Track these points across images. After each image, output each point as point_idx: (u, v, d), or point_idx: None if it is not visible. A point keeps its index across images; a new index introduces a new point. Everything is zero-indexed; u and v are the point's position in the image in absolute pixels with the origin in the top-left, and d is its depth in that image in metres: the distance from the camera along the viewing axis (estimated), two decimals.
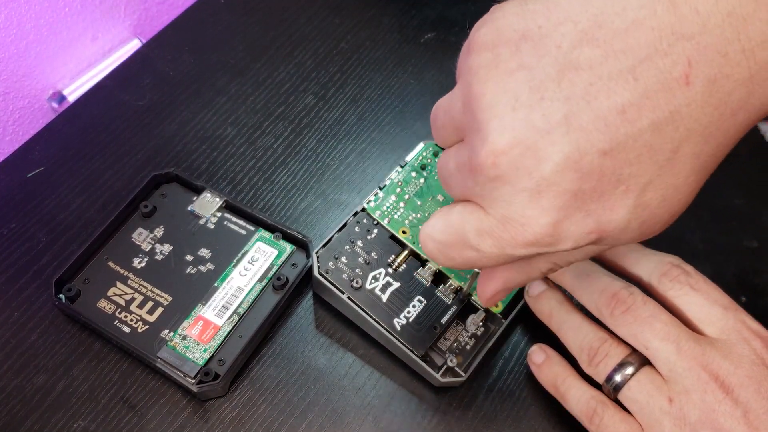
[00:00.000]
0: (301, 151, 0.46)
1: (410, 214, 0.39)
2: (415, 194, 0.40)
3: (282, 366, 0.38)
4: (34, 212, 0.43)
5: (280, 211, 0.44)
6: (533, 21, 0.24)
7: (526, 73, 0.23)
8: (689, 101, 0.22)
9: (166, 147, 0.46)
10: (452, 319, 0.37)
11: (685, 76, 0.22)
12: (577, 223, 0.24)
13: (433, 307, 0.37)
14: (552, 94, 0.23)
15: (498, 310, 0.38)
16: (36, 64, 0.52)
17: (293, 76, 0.49)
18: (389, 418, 0.37)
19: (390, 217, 0.39)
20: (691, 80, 0.22)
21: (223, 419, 0.37)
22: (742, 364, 0.30)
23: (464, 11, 0.53)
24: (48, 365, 0.38)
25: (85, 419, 0.36)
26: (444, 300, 0.38)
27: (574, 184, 0.23)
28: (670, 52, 0.22)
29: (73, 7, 0.52)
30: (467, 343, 0.38)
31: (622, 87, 0.22)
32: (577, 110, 0.23)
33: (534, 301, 0.37)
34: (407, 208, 0.39)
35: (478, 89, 0.24)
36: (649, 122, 0.22)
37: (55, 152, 0.45)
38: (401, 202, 0.39)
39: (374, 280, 0.38)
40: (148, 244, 0.40)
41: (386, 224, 0.39)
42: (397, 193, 0.40)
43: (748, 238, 0.43)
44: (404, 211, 0.39)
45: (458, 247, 0.27)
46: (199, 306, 0.38)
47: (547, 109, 0.23)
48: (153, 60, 0.50)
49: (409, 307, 0.37)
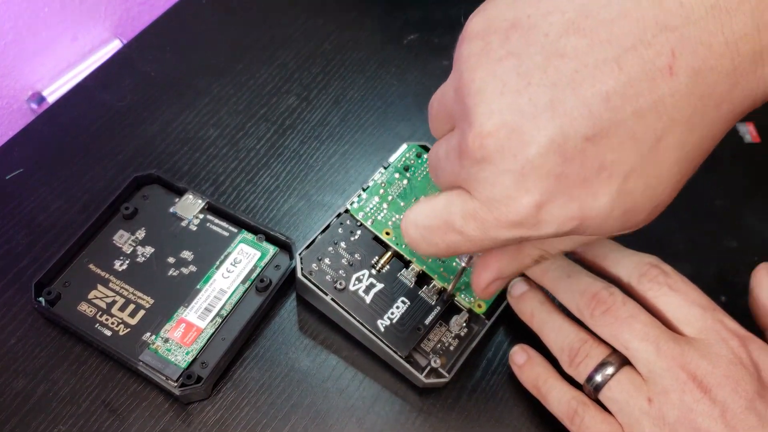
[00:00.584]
0: (283, 153, 0.46)
1: (393, 215, 0.39)
2: (399, 195, 0.40)
3: (265, 368, 0.38)
4: (13, 214, 0.42)
5: (263, 213, 0.43)
6: (522, 11, 0.24)
7: (514, 60, 0.24)
8: (673, 91, 0.23)
9: (148, 148, 0.45)
10: (436, 320, 0.37)
11: (669, 66, 0.22)
12: (560, 207, 0.25)
13: (417, 308, 0.37)
14: (538, 80, 0.23)
15: (481, 311, 0.38)
16: (15, 65, 0.52)
17: (276, 77, 0.49)
18: (373, 420, 0.37)
19: (373, 219, 0.39)
20: (674, 71, 0.22)
21: (205, 422, 0.36)
22: (720, 363, 0.30)
23: (447, 13, 0.53)
24: (27, 369, 0.37)
25: (65, 423, 0.36)
26: (427, 301, 0.38)
27: (557, 168, 0.24)
28: (654, 43, 0.22)
29: (52, 7, 0.52)
30: (450, 344, 0.38)
31: (606, 75, 0.23)
32: (562, 96, 0.23)
33: (516, 301, 0.37)
34: (390, 209, 0.39)
35: (468, 76, 0.25)
36: (632, 110, 0.23)
37: (34, 154, 0.45)
38: (384, 204, 0.39)
39: (358, 282, 0.37)
40: (129, 247, 0.40)
41: (369, 225, 0.39)
42: (381, 195, 0.40)
43: (728, 238, 0.44)
44: (387, 213, 0.39)
45: (442, 231, 0.28)
46: (182, 308, 0.38)
47: (533, 94, 0.23)
48: (134, 60, 0.50)
49: (392, 308, 0.37)
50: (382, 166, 0.41)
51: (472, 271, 0.34)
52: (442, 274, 0.38)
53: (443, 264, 0.38)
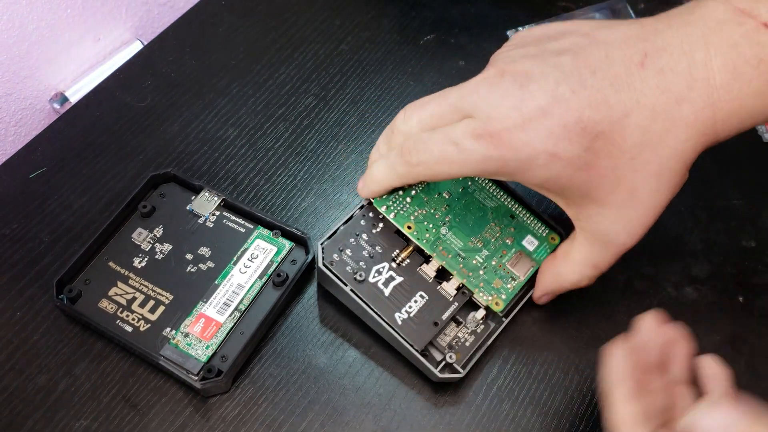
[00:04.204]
0: (301, 152, 0.46)
1: (416, 209, 0.39)
2: (422, 190, 0.40)
3: (283, 365, 0.38)
4: (35, 213, 0.43)
5: (281, 211, 0.44)
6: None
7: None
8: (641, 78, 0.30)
9: (168, 148, 0.46)
10: (453, 315, 0.38)
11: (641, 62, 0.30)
12: (536, 130, 0.30)
13: (435, 302, 0.38)
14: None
15: (499, 309, 0.38)
16: (38, 66, 0.53)
17: (294, 78, 0.50)
18: (389, 417, 0.37)
19: (396, 212, 0.39)
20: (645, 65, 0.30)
21: (224, 418, 0.37)
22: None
23: (463, 13, 0.53)
24: (50, 365, 0.38)
25: (87, 418, 0.36)
26: (446, 296, 0.38)
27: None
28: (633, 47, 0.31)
29: (74, 8, 0.53)
30: (467, 340, 0.38)
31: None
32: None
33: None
34: (413, 203, 0.39)
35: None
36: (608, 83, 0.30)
37: (57, 153, 0.45)
38: (408, 198, 0.39)
39: (377, 274, 0.38)
40: (147, 244, 0.40)
41: (392, 219, 0.39)
42: (404, 189, 0.40)
43: (746, 238, 0.43)
44: (410, 207, 0.39)
45: (441, 140, 0.32)
46: (201, 304, 0.38)
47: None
48: (154, 61, 0.50)
49: (410, 302, 0.37)
50: None
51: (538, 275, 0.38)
52: (461, 270, 0.38)
53: (463, 261, 0.38)
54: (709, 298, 0.41)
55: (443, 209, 0.39)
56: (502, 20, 0.53)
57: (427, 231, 0.38)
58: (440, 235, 0.38)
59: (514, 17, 0.53)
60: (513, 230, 0.40)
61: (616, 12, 0.53)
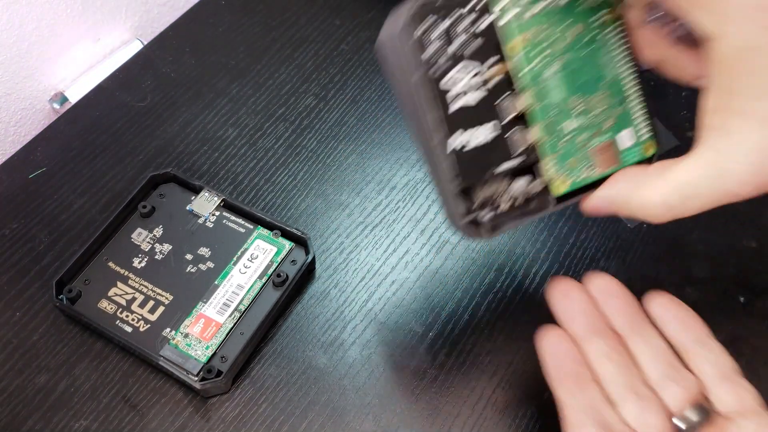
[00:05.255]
0: (301, 152, 0.46)
1: (542, 24, 0.30)
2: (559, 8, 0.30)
3: (283, 365, 0.38)
4: (35, 213, 0.43)
5: (281, 212, 0.44)
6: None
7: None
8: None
9: (168, 148, 0.46)
10: (508, 172, 0.30)
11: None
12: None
13: (498, 147, 0.30)
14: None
15: (558, 193, 0.31)
16: (37, 66, 0.53)
17: (294, 78, 0.50)
18: (389, 417, 0.37)
19: (518, 13, 0.29)
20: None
21: (224, 418, 0.37)
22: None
23: None
24: (50, 365, 0.38)
25: (86, 419, 0.36)
26: (513, 145, 0.30)
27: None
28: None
29: (74, 8, 0.53)
30: (502, 206, 0.31)
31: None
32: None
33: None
34: (542, 16, 0.30)
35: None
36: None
37: (56, 153, 0.45)
38: (539, 4, 0.29)
39: (464, 71, 0.29)
40: (147, 244, 0.40)
41: (509, 18, 0.29)
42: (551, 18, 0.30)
43: (747, 238, 0.43)
44: (537, 17, 0.30)
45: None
46: (200, 304, 0.38)
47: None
48: (154, 61, 0.50)
49: (476, 129, 0.30)
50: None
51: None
52: (545, 125, 0.30)
53: (554, 117, 0.31)
54: (709, 298, 0.41)
55: (568, 42, 0.30)
56: None
57: (539, 57, 0.30)
58: (546, 73, 0.30)
59: None
60: (620, 113, 0.32)
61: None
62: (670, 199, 0.28)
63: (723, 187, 0.27)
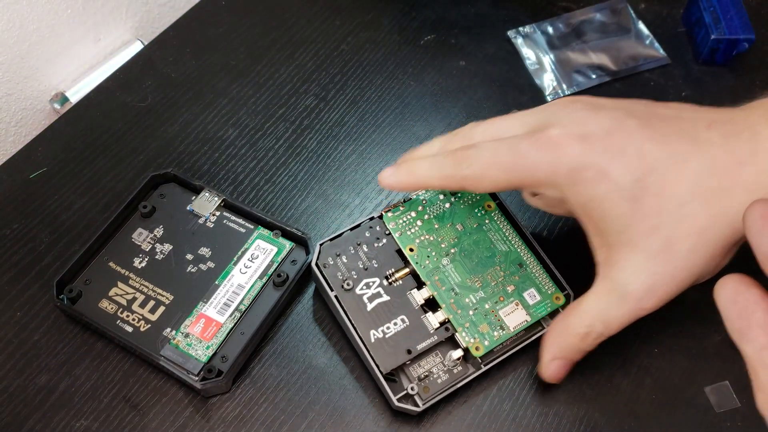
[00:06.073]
0: (302, 152, 0.46)
1: (423, 234, 0.39)
2: (435, 217, 0.39)
3: (283, 365, 0.38)
4: (36, 213, 0.43)
5: (282, 212, 0.44)
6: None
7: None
8: (707, 137, 0.30)
9: (168, 148, 0.46)
10: (430, 348, 0.36)
11: (708, 126, 0.31)
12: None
13: (415, 331, 0.36)
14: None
15: (478, 354, 0.36)
16: (38, 66, 0.53)
17: (294, 78, 0.50)
18: (389, 417, 0.37)
19: (402, 232, 0.38)
20: (711, 128, 0.31)
21: (224, 418, 0.37)
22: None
23: (464, 13, 0.53)
24: (50, 365, 0.38)
25: (87, 418, 0.36)
26: (428, 327, 0.37)
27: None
28: (701, 114, 0.32)
29: (75, 8, 0.53)
30: (440, 377, 0.36)
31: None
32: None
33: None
34: (423, 227, 0.39)
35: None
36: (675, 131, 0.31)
37: (57, 153, 0.46)
38: (419, 221, 0.39)
39: (366, 287, 0.37)
40: (148, 244, 0.40)
41: (397, 237, 0.38)
42: (418, 211, 0.39)
43: None
44: (418, 230, 0.39)
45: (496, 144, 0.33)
46: (201, 304, 0.38)
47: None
48: (154, 62, 0.50)
49: (390, 323, 0.37)
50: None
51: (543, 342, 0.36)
52: (450, 305, 0.37)
53: (456, 296, 0.37)
54: (710, 298, 0.40)
55: (451, 240, 0.39)
56: (502, 20, 0.53)
57: (428, 258, 0.38)
58: (440, 265, 0.38)
59: (515, 17, 0.53)
60: (517, 279, 0.38)
61: (616, 12, 0.53)
62: (594, 324, 0.33)
63: (628, 305, 0.32)
